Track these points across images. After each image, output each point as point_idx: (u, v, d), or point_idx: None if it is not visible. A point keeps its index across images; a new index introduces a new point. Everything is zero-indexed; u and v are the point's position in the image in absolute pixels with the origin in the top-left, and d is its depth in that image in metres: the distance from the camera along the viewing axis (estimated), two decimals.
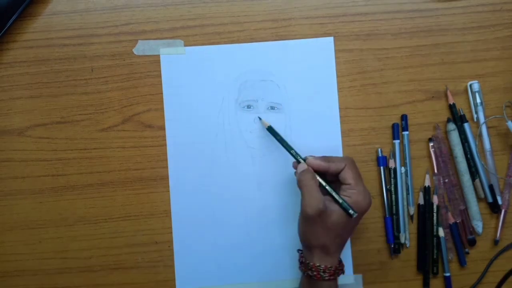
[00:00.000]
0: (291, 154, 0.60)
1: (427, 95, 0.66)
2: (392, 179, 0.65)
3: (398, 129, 0.66)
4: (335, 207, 0.56)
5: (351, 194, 0.56)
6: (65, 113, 0.66)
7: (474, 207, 0.65)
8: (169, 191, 0.65)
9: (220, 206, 0.65)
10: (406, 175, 0.65)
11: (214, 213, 0.65)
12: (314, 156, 0.59)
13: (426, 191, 0.65)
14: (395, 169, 0.65)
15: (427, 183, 0.65)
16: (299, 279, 0.61)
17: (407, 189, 0.65)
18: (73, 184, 0.65)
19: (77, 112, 0.66)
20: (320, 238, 0.56)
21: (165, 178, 0.65)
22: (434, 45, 0.66)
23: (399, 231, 0.65)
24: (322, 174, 0.59)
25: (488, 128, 0.66)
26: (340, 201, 0.56)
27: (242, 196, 0.65)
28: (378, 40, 0.66)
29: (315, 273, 0.56)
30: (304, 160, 0.59)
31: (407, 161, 0.65)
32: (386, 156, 0.66)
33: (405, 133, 0.65)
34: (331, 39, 0.66)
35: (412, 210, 0.65)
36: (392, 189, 0.65)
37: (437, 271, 0.65)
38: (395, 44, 0.66)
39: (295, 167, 0.60)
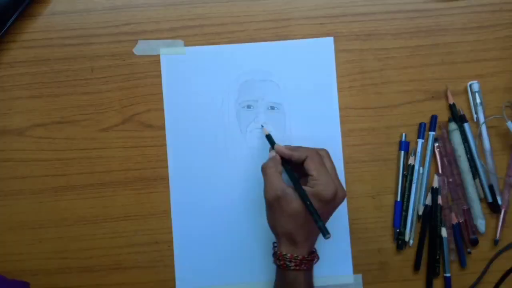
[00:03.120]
0: (268, 140, 0.62)
1: (427, 95, 0.66)
2: (408, 176, 0.65)
3: (425, 128, 0.66)
4: (291, 192, 0.56)
5: (313, 184, 0.56)
6: (65, 113, 0.66)
7: (477, 206, 0.65)
8: (169, 191, 0.65)
9: (220, 206, 0.65)
10: (423, 175, 0.65)
11: (214, 213, 0.65)
12: (283, 146, 0.60)
13: (434, 192, 0.65)
14: (413, 167, 0.65)
15: (436, 184, 0.65)
16: None
17: (421, 189, 0.65)
18: (73, 184, 0.65)
19: (77, 112, 0.66)
20: (284, 226, 0.56)
21: (165, 178, 0.65)
22: (434, 45, 0.66)
23: (405, 228, 0.65)
24: (292, 163, 0.59)
25: (488, 128, 0.66)
26: (298, 189, 0.56)
27: (242, 196, 0.65)
28: (378, 40, 0.66)
29: (281, 262, 0.56)
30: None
31: (427, 161, 0.65)
32: (409, 142, 0.65)
33: (431, 133, 0.65)
34: (331, 39, 0.66)
35: (422, 209, 0.65)
36: (407, 184, 0.65)
37: (438, 271, 0.65)
38: (395, 44, 0.66)
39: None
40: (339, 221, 0.65)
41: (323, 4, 0.66)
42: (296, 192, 0.56)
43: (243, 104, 0.66)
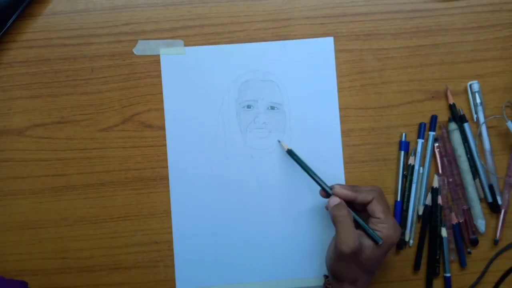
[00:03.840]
0: (316, 181, 0.60)
1: (426, 95, 0.66)
2: (408, 176, 0.65)
3: (425, 128, 0.66)
4: (368, 242, 0.56)
5: (381, 228, 0.56)
6: (65, 113, 0.66)
7: (477, 206, 0.65)
8: (169, 191, 0.65)
9: (220, 206, 0.65)
10: (423, 175, 0.65)
11: (214, 213, 0.65)
12: (340, 185, 0.59)
13: (434, 192, 0.65)
14: (413, 167, 0.65)
15: (436, 184, 0.65)
16: (299, 279, 0.61)
17: (421, 189, 0.65)
18: (73, 184, 0.65)
19: (77, 112, 0.66)
20: (352, 273, 0.56)
21: (165, 178, 0.65)
22: (434, 45, 0.66)
23: (405, 228, 0.65)
24: (347, 202, 0.58)
25: (488, 128, 0.66)
26: (371, 231, 0.56)
27: (242, 196, 0.65)
28: (378, 40, 0.66)
29: None
30: (331, 188, 0.59)
31: (427, 161, 0.65)
32: (409, 142, 0.65)
33: (431, 133, 0.65)
34: (331, 39, 0.66)
35: (422, 209, 0.65)
36: (407, 184, 0.65)
37: (438, 271, 0.65)
38: (395, 44, 0.66)
39: (323, 196, 0.60)
40: None
41: (323, 4, 0.66)
42: (365, 237, 0.56)
43: (243, 104, 0.66)
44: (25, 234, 0.65)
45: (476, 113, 0.65)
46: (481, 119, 0.65)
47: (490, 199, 0.65)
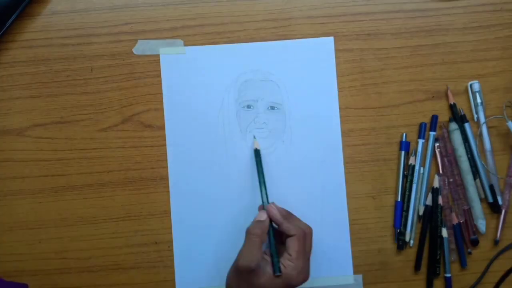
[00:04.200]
0: (261, 191, 0.60)
1: (427, 95, 0.66)
2: (409, 176, 0.65)
3: (425, 128, 0.65)
4: (268, 270, 0.55)
5: (287, 265, 0.55)
6: (64, 113, 0.66)
7: (478, 206, 0.65)
8: (169, 191, 0.65)
9: (220, 206, 0.65)
10: (424, 175, 0.65)
11: (214, 213, 0.65)
12: (277, 206, 0.59)
13: (435, 192, 0.65)
14: (413, 167, 0.65)
15: (436, 184, 0.65)
16: None
17: (421, 189, 0.65)
18: (73, 184, 0.65)
19: (76, 112, 0.66)
20: None
21: (165, 178, 0.65)
22: (434, 45, 0.66)
23: (405, 228, 0.65)
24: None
25: (488, 128, 0.66)
26: (275, 260, 0.56)
27: (242, 196, 0.65)
28: (379, 40, 0.66)
29: None
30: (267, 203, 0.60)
31: (428, 161, 0.65)
32: (410, 142, 0.65)
33: (432, 133, 0.65)
34: (331, 39, 0.66)
35: (422, 210, 0.65)
36: (407, 185, 0.65)
37: (439, 271, 0.65)
38: (396, 44, 0.66)
39: (260, 209, 0.60)
40: (339, 221, 0.65)
41: (323, 4, 0.66)
42: (269, 265, 0.56)
43: (243, 104, 0.66)
44: (24, 234, 0.65)
45: (477, 113, 0.65)
46: (482, 119, 0.65)
47: (490, 199, 0.65)
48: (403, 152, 0.65)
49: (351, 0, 0.66)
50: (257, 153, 0.63)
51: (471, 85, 0.65)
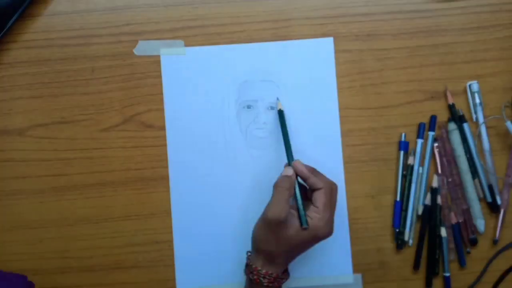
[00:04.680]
0: (286, 150, 0.60)
1: (426, 96, 0.66)
2: (408, 176, 0.65)
3: (424, 128, 0.66)
4: (295, 222, 0.56)
5: (314, 217, 0.56)
6: (65, 113, 0.66)
7: (477, 205, 0.65)
8: (169, 191, 0.66)
9: (220, 206, 0.66)
10: (423, 175, 0.65)
11: (214, 213, 0.65)
12: (302, 163, 0.59)
13: (434, 192, 0.65)
14: (412, 167, 0.65)
15: (435, 184, 0.65)
16: (300, 278, 0.62)
17: (420, 189, 0.65)
18: (74, 184, 0.65)
19: (77, 112, 0.66)
20: (270, 245, 0.56)
21: (166, 178, 0.66)
22: (433, 46, 0.66)
23: (404, 228, 0.65)
24: (303, 188, 0.59)
25: (487, 128, 0.66)
26: (302, 213, 0.56)
27: (242, 196, 0.66)
28: (378, 40, 0.66)
29: (255, 276, 0.57)
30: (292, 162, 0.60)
31: (427, 161, 0.65)
32: (408, 142, 0.66)
33: (431, 133, 0.66)
34: (330, 39, 0.66)
35: (421, 209, 0.65)
36: (406, 184, 0.65)
37: (438, 271, 0.65)
38: (395, 45, 0.66)
39: (285, 167, 0.60)
40: (339, 221, 0.65)
41: (323, 5, 0.66)
42: (295, 218, 0.57)
43: (243, 104, 0.66)
44: (26, 234, 0.65)
45: (476, 113, 0.66)
46: (480, 119, 0.65)
47: (489, 199, 0.65)
48: (402, 152, 0.65)
49: (351, 1, 0.66)
50: (281, 113, 0.63)
51: (470, 86, 0.66)
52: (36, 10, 0.66)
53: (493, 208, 0.66)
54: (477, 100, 0.65)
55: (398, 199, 0.66)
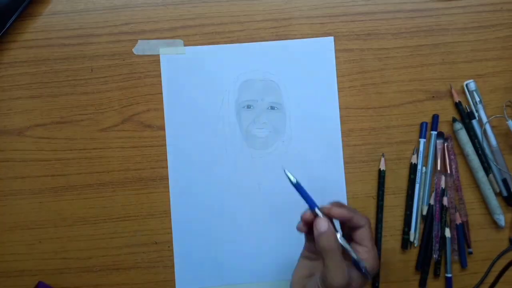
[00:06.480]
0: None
1: (427, 95, 0.66)
2: (411, 175, 0.65)
3: (427, 127, 0.65)
4: (355, 273, 0.51)
5: (369, 258, 0.51)
6: (64, 113, 0.66)
7: (493, 201, 0.65)
8: (168, 191, 0.65)
9: (220, 206, 0.65)
10: (426, 175, 0.65)
11: (213, 214, 0.65)
12: (336, 202, 0.53)
13: (441, 193, 0.65)
14: (415, 166, 0.65)
15: (442, 184, 0.65)
16: None
17: (424, 189, 0.65)
18: (73, 184, 0.65)
19: (76, 112, 0.66)
20: None
21: (165, 178, 0.65)
22: (434, 45, 0.66)
23: (409, 228, 0.65)
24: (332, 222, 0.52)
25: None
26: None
27: (242, 197, 0.65)
28: (379, 40, 0.66)
29: None
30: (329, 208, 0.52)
31: (430, 160, 0.65)
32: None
33: (433, 132, 0.65)
34: (331, 39, 0.66)
35: (426, 209, 0.65)
36: (410, 184, 0.65)
37: (439, 272, 0.65)
38: (396, 44, 0.66)
39: (306, 218, 0.53)
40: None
41: (323, 4, 0.66)
42: (354, 269, 0.51)
43: (243, 104, 0.66)
44: (24, 234, 0.65)
45: (477, 111, 0.65)
46: (483, 116, 0.65)
47: (505, 193, 0.65)
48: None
49: (351, 0, 0.66)
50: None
51: (466, 85, 0.65)
52: (35, 10, 0.66)
53: (509, 201, 0.65)
54: (477, 98, 0.65)
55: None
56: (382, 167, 0.65)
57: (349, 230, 0.53)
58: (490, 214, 0.65)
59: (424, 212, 0.65)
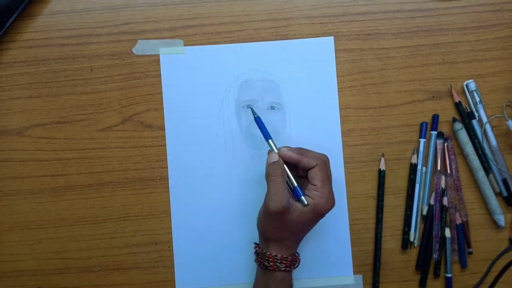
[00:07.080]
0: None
1: (427, 95, 0.66)
2: (411, 175, 0.65)
3: (427, 127, 0.65)
4: (297, 205, 0.56)
5: (314, 195, 0.56)
6: (64, 113, 0.65)
7: (493, 201, 0.65)
8: (168, 191, 0.65)
9: (220, 206, 0.65)
10: (426, 175, 0.65)
11: (213, 213, 0.65)
12: (288, 147, 0.59)
13: (441, 193, 0.65)
14: (415, 166, 0.65)
15: (442, 184, 0.65)
16: (300, 279, 0.61)
17: (424, 188, 0.65)
18: (73, 184, 0.65)
19: (76, 112, 0.65)
20: (278, 232, 0.57)
21: (165, 178, 0.65)
22: (434, 45, 0.66)
23: (409, 228, 0.65)
24: (293, 165, 0.58)
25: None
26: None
27: (242, 196, 0.65)
28: (379, 39, 0.66)
29: (271, 263, 0.57)
30: (278, 150, 0.59)
31: (430, 160, 0.65)
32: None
33: (433, 132, 0.65)
34: (331, 38, 0.66)
35: (426, 209, 0.65)
36: (410, 184, 0.65)
37: (439, 272, 0.65)
38: (396, 44, 0.66)
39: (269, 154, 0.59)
40: (339, 221, 0.65)
41: (323, 4, 0.66)
42: (294, 202, 0.57)
43: (243, 104, 0.66)
44: (24, 234, 0.65)
45: (477, 111, 0.65)
46: (483, 116, 0.65)
47: (505, 193, 0.65)
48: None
49: (351, 0, 0.66)
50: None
51: (466, 85, 0.65)
52: (35, 10, 0.66)
53: (509, 201, 0.65)
54: (477, 98, 0.65)
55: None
56: (382, 167, 0.65)
57: (303, 171, 0.58)
58: (490, 214, 0.65)
59: (424, 212, 0.65)
